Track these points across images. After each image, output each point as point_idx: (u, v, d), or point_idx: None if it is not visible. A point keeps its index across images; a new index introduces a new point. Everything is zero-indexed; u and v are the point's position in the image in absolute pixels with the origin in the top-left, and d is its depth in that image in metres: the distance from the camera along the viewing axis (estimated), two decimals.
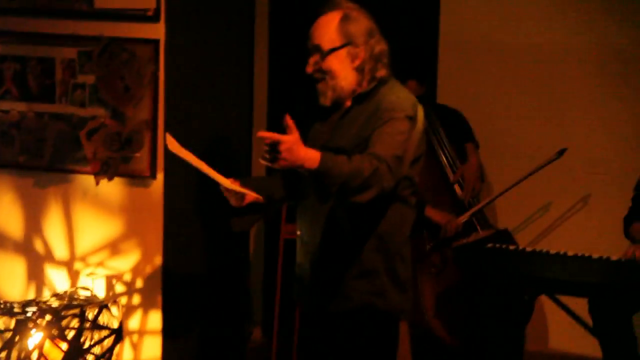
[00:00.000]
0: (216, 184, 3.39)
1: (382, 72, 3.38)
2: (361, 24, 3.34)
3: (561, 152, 5.14)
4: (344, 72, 3.34)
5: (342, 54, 3.33)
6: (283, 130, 3.03)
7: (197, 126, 4.47)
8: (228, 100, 4.76)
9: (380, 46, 3.36)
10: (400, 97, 3.34)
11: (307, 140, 3.44)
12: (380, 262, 3.39)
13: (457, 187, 5.18)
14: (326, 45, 3.32)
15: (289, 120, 3.03)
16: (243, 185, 3.41)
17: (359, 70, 3.35)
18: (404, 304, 3.46)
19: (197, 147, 4.37)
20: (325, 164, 3.09)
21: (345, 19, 3.33)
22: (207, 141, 4.53)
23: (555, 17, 5.51)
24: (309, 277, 3.48)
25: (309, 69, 3.36)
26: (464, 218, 5.00)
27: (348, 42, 3.32)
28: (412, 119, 3.29)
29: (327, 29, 3.33)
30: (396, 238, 3.41)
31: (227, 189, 3.39)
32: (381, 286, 3.39)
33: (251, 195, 3.40)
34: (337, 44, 3.32)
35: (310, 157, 3.08)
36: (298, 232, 3.53)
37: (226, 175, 3.42)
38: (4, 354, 3.81)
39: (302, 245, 3.50)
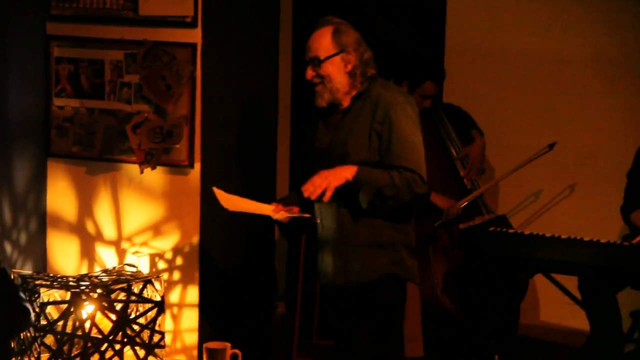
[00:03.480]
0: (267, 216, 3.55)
1: (371, 72, 3.53)
2: (350, 35, 3.52)
3: (552, 146, 5.16)
4: (338, 75, 3.50)
5: (337, 60, 3.49)
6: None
7: (229, 120, 4.48)
8: (256, 97, 4.76)
9: (368, 53, 3.54)
10: (393, 89, 3.56)
11: (316, 141, 3.62)
12: (397, 237, 3.51)
13: (458, 164, 5.17)
14: (322, 54, 3.48)
15: (307, 191, 3.33)
16: (286, 206, 3.58)
17: (351, 74, 3.50)
18: (416, 270, 3.61)
19: (229, 138, 4.46)
20: (360, 175, 3.36)
21: (336, 32, 3.50)
22: (237, 134, 4.54)
23: (550, 25, 5.50)
24: (332, 257, 3.56)
25: (309, 76, 3.51)
26: (463, 203, 5.01)
27: (341, 50, 3.49)
28: (412, 108, 3.49)
29: (322, 40, 3.50)
30: (407, 214, 3.55)
31: (276, 216, 3.55)
32: (399, 256, 3.52)
33: (295, 209, 3.55)
34: (332, 52, 3.48)
35: (345, 171, 3.36)
36: (318, 220, 3.61)
37: (265, 188, 3.56)
38: (61, 322, 3.82)
39: (324, 230, 3.59)
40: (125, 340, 3.94)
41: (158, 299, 4.04)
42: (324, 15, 3.59)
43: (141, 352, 3.97)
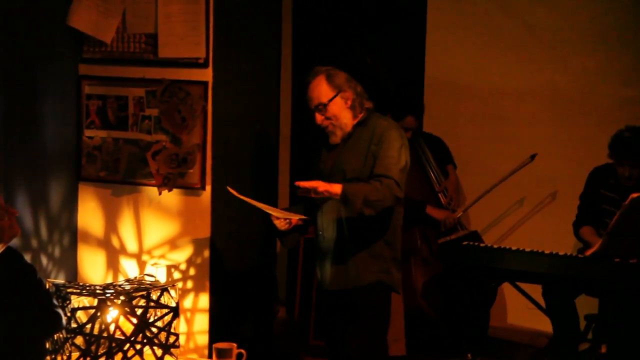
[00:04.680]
0: (264, 213, 3.54)
1: (368, 104, 3.59)
2: (341, 76, 3.56)
3: (533, 156, 5.16)
4: (343, 112, 3.55)
5: (338, 100, 3.54)
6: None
7: (237, 148, 4.48)
8: (260, 128, 4.76)
9: (359, 86, 3.58)
10: (389, 120, 3.60)
11: (319, 163, 3.65)
12: (386, 251, 3.56)
13: (441, 196, 5.22)
14: (324, 99, 3.53)
15: (302, 184, 3.35)
16: (288, 212, 3.60)
17: (352, 107, 3.56)
18: (400, 281, 3.64)
19: (236, 164, 4.46)
20: (347, 188, 3.39)
21: (329, 77, 3.55)
22: (243, 160, 4.55)
23: (514, 64, 5.50)
24: (331, 265, 3.60)
25: (319, 120, 3.56)
26: (459, 213, 5.05)
27: (339, 90, 3.53)
28: (402, 134, 3.54)
29: (321, 88, 3.55)
30: (396, 230, 3.59)
31: (277, 218, 3.56)
32: (387, 267, 3.55)
33: (295, 218, 3.57)
34: (332, 94, 3.53)
35: (335, 187, 3.40)
36: (320, 232, 3.63)
37: (266, 201, 3.57)
38: (89, 325, 3.83)
39: (324, 241, 3.62)
40: (145, 341, 3.93)
41: (173, 304, 4.03)
42: (320, 59, 3.62)
43: (159, 352, 3.96)
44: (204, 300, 4.30)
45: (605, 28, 5.33)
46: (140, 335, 3.92)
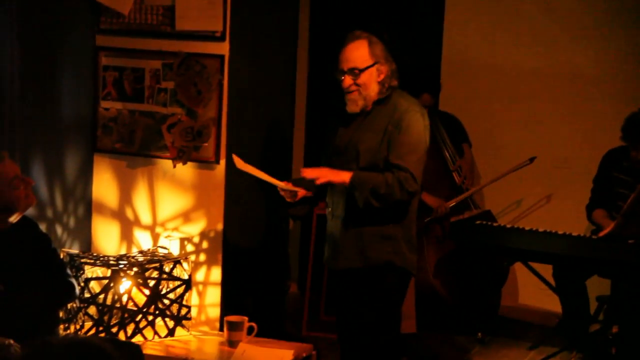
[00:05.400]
0: (274, 186, 3.50)
1: (394, 82, 3.48)
2: (381, 48, 3.45)
3: (532, 159, 5.19)
4: (372, 84, 3.44)
5: (373, 70, 3.43)
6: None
7: (252, 122, 4.47)
8: (275, 101, 4.75)
9: (394, 65, 3.48)
10: (410, 101, 3.49)
11: (334, 138, 3.57)
12: (399, 231, 3.48)
13: (455, 175, 5.23)
14: (361, 64, 3.41)
15: (307, 172, 3.37)
16: (295, 185, 3.53)
17: (382, 83, 3.45)
18: (415, 262, 3.56)
19: (251, 137, 4.45)
20: (355, 178, 3.34)
21: (371, 44, 3.42)
22: (258, 134, 4.54)
23: (533, 44, 5.51)
24: (340, 243, 3.53)
25: (347, 84, 3.43)
26: (451, 203, 5.03)
27: (376, 61, 3.42)
28: (422, 116, 3.44)
29: (361, 52, 3.42)
30: (411, 211, 3.51)
31: (284, 189, 3.51)
32: (399, 248, 3.47)
33: (302, 192, 3.51)
34: (370, 62, 3.42)
35: (344, 175, 3.36)
36: (329, 209, 3.58)
37: (281, 178, 3.53)
38: (102, 295, 3.85)
39: (333, 219, 3.57)
40: (157, 312, 3.95)
41: (186, 277, 4.04)
42: (338, 34, 3.56)
43: (170, 323, 3.98)
44: (216, 273, 4.31)
45: (623, 8, 5.33)
46: (153, 306, 3.94)
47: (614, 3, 5.33)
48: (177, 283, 4.02)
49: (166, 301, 3.99)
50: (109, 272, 3.88)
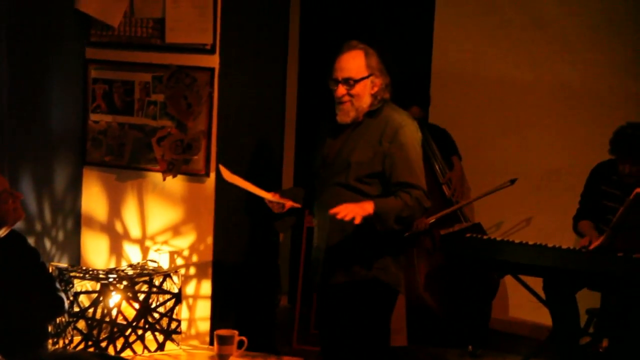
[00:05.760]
0: (261, 198, 3.48)
1: (386, 95, 3.46)
2: (376, 59, 3.43)
3: (513, 181, 5.20)
4: (365, 96, 3.42)
5: (367, 82, 3.40)
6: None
7: (242, 135, 4.46)
8: (265, 114, 4.74)
9: (388, 79, 3.46)
10: (402, 113, 3.47)
11: (322, 149, 3.54)
12: (384, 247, 3.44)
13: (445, 187, 5.23)
14: (356, 75, 3.38)
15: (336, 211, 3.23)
16: (282, 196, 3.50)
17: (374, 96, 3.43)
18: (400, 279, 3.50)
19: (241, 151, 4.43)
20: (378, 207, 3.29)
21: (367, 55, 3.41)
22: (248, 146, 4.53)
23: (520, 58, 5.54)
24: (325, 257, 3.50)
25: (340, 93, 3.41)
26: (431, 219, 4.98)
27: (371, 73, 3.40)
28: (416, 130, 3.44)
29: (357, 62, 3.40)
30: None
31: (271, 201, 3.48)
32: (384, 263, 3.43)
33: (289, 203, 3.48)
34: (365, 74, 3.40)
35: (367, 206, 3.29)
36: (315, 222, 3.57)
37: (268, 189, 3.50)
38: (91, 310, 3.83)
39: (319, 231, 3.54)
40: (147, 326, 3.94)
41: (176, 290, 4.03)
42: (327, 47, 3.55)
43: (160, 337, 3.97)
44: (207, 287, 4.30)
45: (611, 23, 5.36)
46: (142, 320, 3.93)
47: (598, 17, 5.36)
48: (167, 297, 4.01)
49: (156, 315, 3.98)
50: (98, 286, 3.86)
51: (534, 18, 5.50)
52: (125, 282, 3.90)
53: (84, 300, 3.89)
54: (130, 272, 4.08)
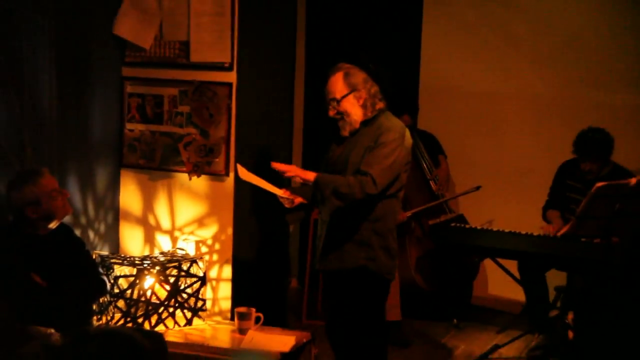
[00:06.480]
0: (274, 195, 3.47)
1: (380, 105, 3.41)
2: (358, 76, 3.37)
3: (477, 187, 5.21)
4: (354, 110, 3.39)
5: (351, 98, 3.37)
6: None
7: (256, 140, 4.47)
8: (276, 122, 4.75)
9: (375, 87, 3.40)
10: (393, 122, 3.40)
11: (328, 155, 3.54)
12: (375, 238, 3.36)
13: (432, 183, 5.25)
14: (338, 95, 3.37)
15: (276, 165, 3.32)
16: (292, 193, 3.48)
17: (364, 106, 3.39)
18: (391, 268, 3.42)
19: (256, 154, 4.42)
20: (320, 177, 3.29)
21: (346, 75, 3.37)
22: (261, 150, 4.51)
23: (498, 71, 5.55)
24: (323, 245, 3.47)
25: (331, 113, 3.41)
26: (408, 213, 4.96)
27: (352, 89, 3.36)
28: (401, 136, 3.35)
29: (337, 84, 3.38)
30: (388, 221, 3.40)
31: (282, 197, 3.46)
32: (374, 254, 3.35)
33: (298, 199, 3.47)
34: (345, 92, 3.37)
35: (309, 174, 3.32)
36: (319, 214, 3.55)
37: (280, 186, 3.50)
38: (129, 291, 3.85)
39: (321, 223, 3.52)
40: (177, 305, 3.95)
41: (201, 274, 4.04)
42: (329, 64, 3.52)
43: (188, 314, 3.98)
44: (227, 271, 4.31)
45: (576, 41, 5.36)
46: (173, 300, 3.94)
47: (565, 37, 5.35)
48: (194, 280, 4.02)
49: (184, 295, 3.99)
50: (135, 271, 3.88)
51: (508, 37, 5.50)
52: (157, 267, 3.91)
53: (123, 283, 3.91)
54: (162, 258, 4.09)
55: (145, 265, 3.93)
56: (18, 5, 3.69)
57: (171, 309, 3.94)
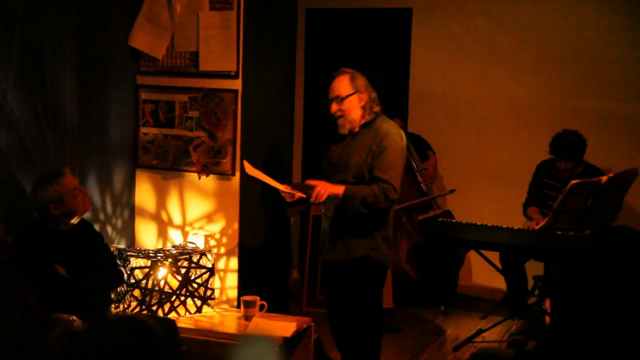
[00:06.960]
0: (277, 189, 3.47)
1: (377, 109, 3.44)
2: (362, 80, 3.42)
3: (452, 191, 5.22)
4: (355, 109, 3.40)
5: (354, 98, 3.39)
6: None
7: (260, 142, 4.47)
8: (278, 126, 4.75)
9: (374, 93, 3.45)
10: (391, 125, 3.44)
11: (327, 155, 3.53)
12: (376, 230, 3.41)
13: (418, 175, 5.22)
14: (344, 93, 3.38)
15: (309, 181, 3.25)
16: (293, 188, 3.47)
17: (363, 108, 3.40)
18: (390, 256, 3.48)
19: (259, 155, 4.43)
20: (347, 191, 3.27)
21: (352, 78, 3.40)
22: (264, 151, 4.53)
23: (481, 79, 5.51)
24: (329, 239, 3.50)
25: (334, 110, 3.42)
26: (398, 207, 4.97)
27: (356, 91, 3.39)
28: (400, 138, 3.41)
29: (343, 84, 3.40)
30: (387, 215, 3.45)
31: (284, 192, 3.45)
32: (377, 245, 3.40)
33: (298, 194, 3.45)
34: (350, 92, 3.38)
35: (339, 188, 3.27)
36: (323, 210, 3.56)
37: (282, 182, 3.48)
38: (144, 281, 3.85)
39: (326, 218, 3.54)
40: (188, 294, 3.94)
41: (210, 265, 4.03)
42: (326, 72, 3.54)
43: (198, 302, 3.97)
44: (234, 262, 4.30)
45: (552, 50, 5.35)
46: (184, 289, 3.93)
47: (543, 47, 5.35)
48: (203, 270, 4.01)
49: (195, 285, 3.98)
50: (149, 263, 3.88)
51: (491, 48, 5.48)
52: (170, 259, 3.90)
53: (138, 273, 3.91)
54: (174, 251, 4.08)
55: (158, 257, 3.93)
56: (43, 10, 3.66)
57: (182, 298, 3.94)
